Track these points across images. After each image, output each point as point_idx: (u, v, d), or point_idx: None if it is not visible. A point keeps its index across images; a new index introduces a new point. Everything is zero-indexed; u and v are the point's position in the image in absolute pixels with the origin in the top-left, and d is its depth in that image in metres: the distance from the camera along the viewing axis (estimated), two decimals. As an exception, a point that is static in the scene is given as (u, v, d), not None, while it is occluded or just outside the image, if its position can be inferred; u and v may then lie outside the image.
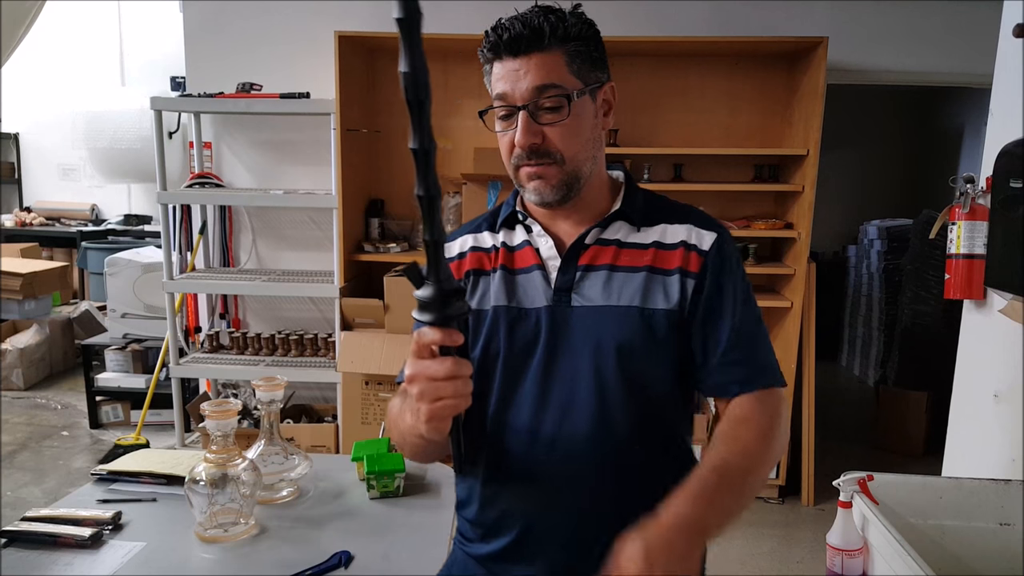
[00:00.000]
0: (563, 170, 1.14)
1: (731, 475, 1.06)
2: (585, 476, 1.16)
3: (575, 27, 1.12)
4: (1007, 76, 2.13)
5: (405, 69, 0.84)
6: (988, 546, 1.64)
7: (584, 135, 1.15)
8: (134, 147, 5.79)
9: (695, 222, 1.20)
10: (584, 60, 1.14)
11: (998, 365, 2.09)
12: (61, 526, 1.50)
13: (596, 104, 1.17)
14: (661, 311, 1.14)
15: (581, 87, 1.13)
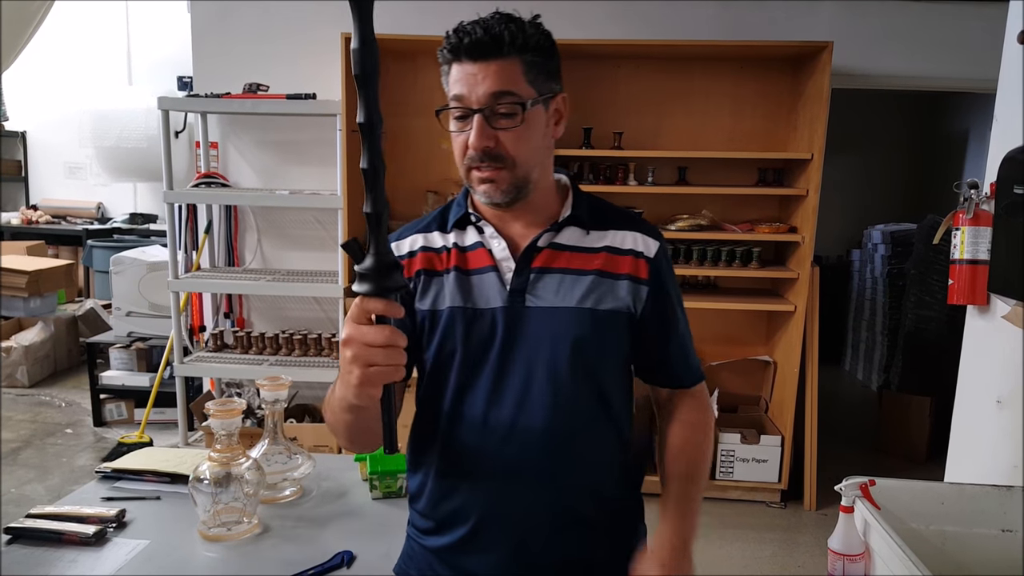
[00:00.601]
0: (513, 174, 1.18)
1: (699, 480, 1.28)
2: (538, 468, 1.20)
3: (533, 38, 1.16)
4: (1011, 82, 2.12)
5: (356, 46, 0.91)
6: (990, 552, 1.63)
7: (535, 142, 1.19)
8: (140, 146, 5.81)
9: (641, 230, 1.27)
10: (540, 70, 1.18)
11: (1001, 371, 2.08)
12: (65, 523, 1.50)
13: (548, 113, 1.22)
14: (611, 311, 1.21)
15: (535, 96, 1.17)
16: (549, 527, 1.22)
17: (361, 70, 0.90)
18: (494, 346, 1.21)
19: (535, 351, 1.20)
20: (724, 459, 3.70)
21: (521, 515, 1.22)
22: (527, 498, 1.21)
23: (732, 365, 4.04)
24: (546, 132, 1.22)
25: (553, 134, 1.24)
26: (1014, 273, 1.92)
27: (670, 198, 3.88)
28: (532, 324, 1.20)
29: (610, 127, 3.82)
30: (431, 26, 3.86)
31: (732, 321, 4.07)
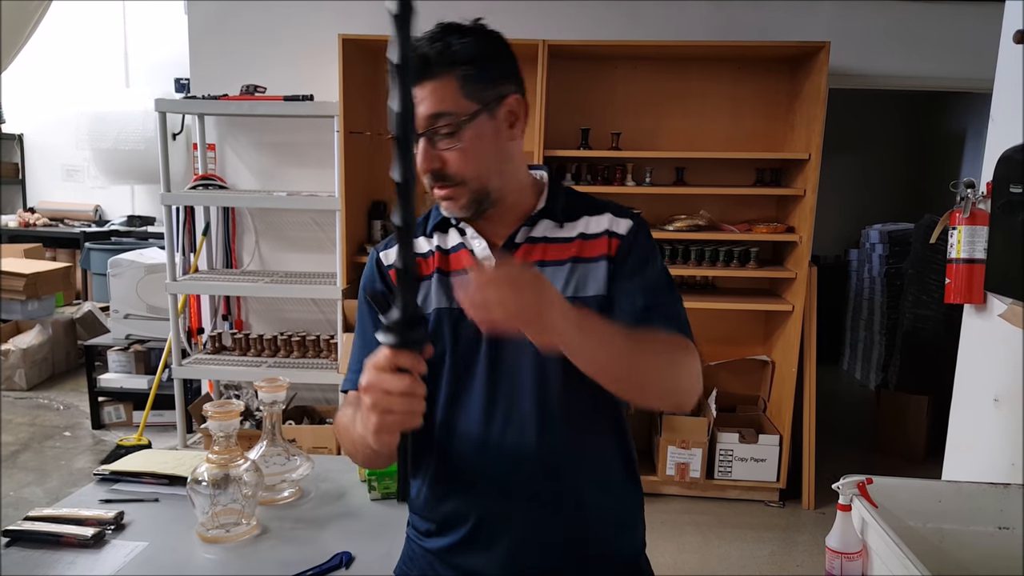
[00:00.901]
0: (468, 189, 1.17)
1: (637, 341, 1.09)
2: (533, 471, 1.20)
3: (464, 49, 1.13)
4: (1007, 81, 2.13)
5: (399, 110, 0.88)
6: (987, 550, 1.64)
7: (484, 155, 1.16)
8: (138, 148, 5.81)
9: (613, 211, 1.24)
10: (478, 80, 1.14)
11: (998, 369, 2.09)
12: (64, 526, 1.50)
13: (498, 120, 1.17)
14: (590, 298, 1.19)
15: (476, 108, 1.14)
16: (547, 530, 1.22)
17: (403, 133, 0.89)
18: (482, 346, 1.20)
19: (523, 348, 1.15)
20: (723, 459, 3.71)
21: (519, 518, 1.22)
22: (524, 500, 1.22)
23: (730, 365, 4.04)
24: (497, 139, 1.17)
25: (509, 138, 1.19)
26: (1011, 272, 1.93)
27: (668, 198, 3.88)
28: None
29: (608, 128, 3.83)
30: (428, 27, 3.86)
31: (730, 321, 4.07)
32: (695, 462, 3.67)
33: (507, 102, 1.17)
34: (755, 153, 3.85)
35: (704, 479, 3.70)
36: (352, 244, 3.78)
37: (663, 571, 3.13)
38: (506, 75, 1.18)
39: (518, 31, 3.85)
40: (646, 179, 3.80)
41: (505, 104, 1.17)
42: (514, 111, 1.18)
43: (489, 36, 1.18)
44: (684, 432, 3.65)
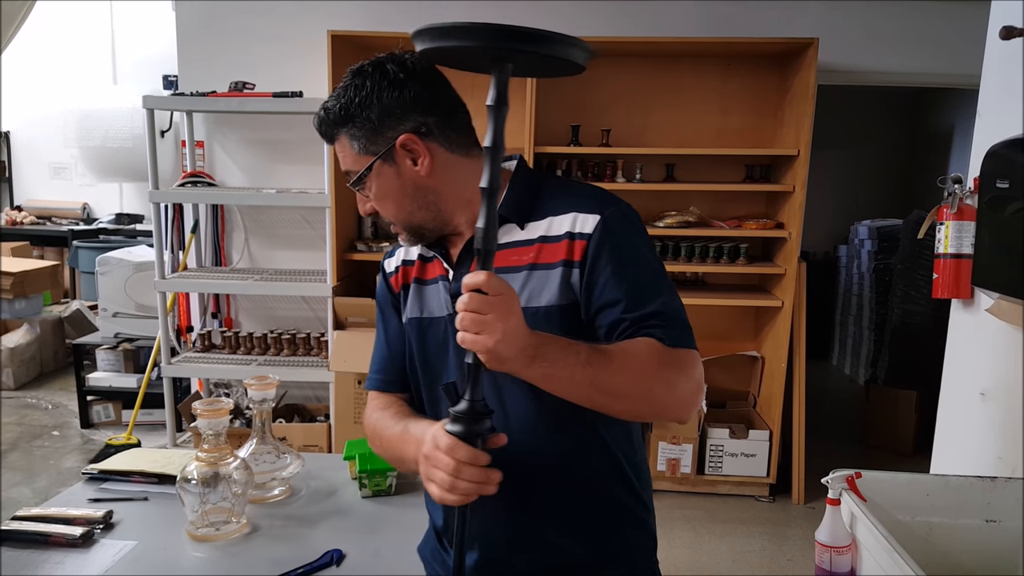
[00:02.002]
0: (402, 226, 1.22)
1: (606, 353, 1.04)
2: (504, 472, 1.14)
3: (342, 110, 1.16)
4: (994, 78, 2.14)
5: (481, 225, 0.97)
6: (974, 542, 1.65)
7: (394, 199, 1.19)
8: (126, 146, 5.77)
9: (580, 207, 1.15)
10: (363, 134, 1.16)
11: (985, 364, 2.10)
12: (52, 525, 1.50)
13: (396, 163, 1.17)
14: (542, 308, 1.13)
15: (370, 161, 1.17)
16: (524, 529, 1.22)
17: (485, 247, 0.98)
18: (448, 355, 1.22)
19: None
20: (713, 454, 3.72)
21: (494, 518, 1.19)
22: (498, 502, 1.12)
23: (720, 361, 4.06)
24: (403, 181, 1.17)
25: (420, 173, 1.17)
26: (997, 267, 1.94)
27: (658, 195, 3.89)
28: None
29: (598, 124, 3.83)
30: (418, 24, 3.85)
31: (720, 317, 4.08)
32: (686, 458, 3.68)
33: (399, 144, 1.15)
34: (745, 149, 3.86)
35: (695, 474, 3.71)
36: (342, 241, 3.77)
37: (654, 566, 3.14)
38: (395, 114, 1.15)
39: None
40: (636, 175, 3.81)
41: (397, 147, 1.15)
42: (410, 148, 1.16)
43: (369, 81, 1.15)
44: (674, 428, 3.66)
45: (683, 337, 1.09)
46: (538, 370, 1.00)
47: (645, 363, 1.05)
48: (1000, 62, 2.10)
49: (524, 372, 1.01)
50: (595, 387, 1.03)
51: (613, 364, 1.03)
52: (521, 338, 0.97)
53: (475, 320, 0.95)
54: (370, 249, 3.83)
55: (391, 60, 1.16)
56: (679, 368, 1.07)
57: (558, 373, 1.02)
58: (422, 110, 1.16)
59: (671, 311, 1.11)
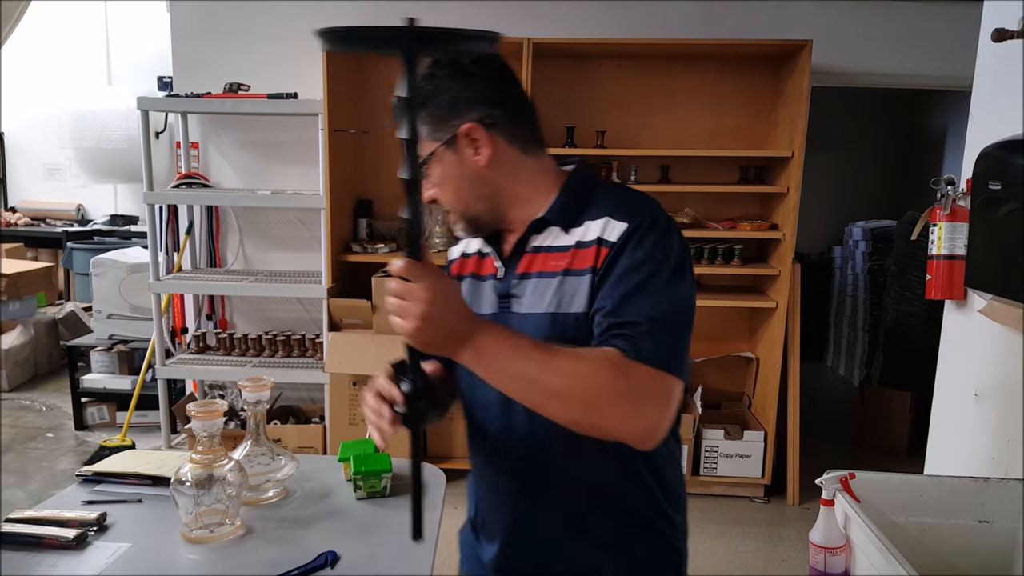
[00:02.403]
0: (457, 215, 1.24)
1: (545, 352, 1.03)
2: (520, 467, 1.25)
3: (419, 95, 1.14)
4: (987, 80, 2.15)
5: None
6: (968, 543, 1.66)
7: (453, 186, 1.21)
8: (120, 147, 5.76)
9: (615, 213, 1.15)
10: (432, 121, 1.18)
11: (978, 365, 2.11)
12: (45, 527, 1.49)
13: (459, 151, 1.18)
14: (572, 315, 1.14)
15: (434, 147, 1.18)
16: (535, 520, 1.26)
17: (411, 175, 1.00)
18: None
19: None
20: (708, 455, 3.72)
21: (508, 509, 1.28)
22: (512, 494, 1.27)
23: (715, 362, 4.06)
24: (463, 170, 1.19)
25: (480, 163, 1.18)
26: (990, 268, 1.95)
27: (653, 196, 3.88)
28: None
29: (593, 126, 3.83)
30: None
31: (715, 318, 4.09)
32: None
33: (462, 133, 1.17)
34: (739, 151, 3.87)
35: (690, 475, 3.71)
36: (337, 242, 3.77)
37: (649, 567, 3.14)
38: (458, 106, 1.17)
39: (502, 29, 3.82)
40: (631, 177, 3.81)
41: (461, 134, 1.17)
42: (473, 137, 1.17)
43: (441, 71, 1.18)
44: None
45: (653, 353, 1.04)
46: (469, 357, 1.02)
47: (595, 371, 1.02)
48: (992, 64, 2.11)
49: (457, 358, 1.03)
50: (532, 384, 1.03)
51: (555, 365, 1.02)
52: (446, 324, 1.00)
53: (397, 305, 0.99)
54: (365, 251, 3.83)
55: (465, 55, 1.19)
56: (634, 383, 1.02)
57: (492, 364, 1.03)
58: (489, 103, 1.18)
59: (652, 324, 1.06)
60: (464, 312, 1.02)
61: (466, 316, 1.02)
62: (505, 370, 1.03)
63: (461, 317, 1.01)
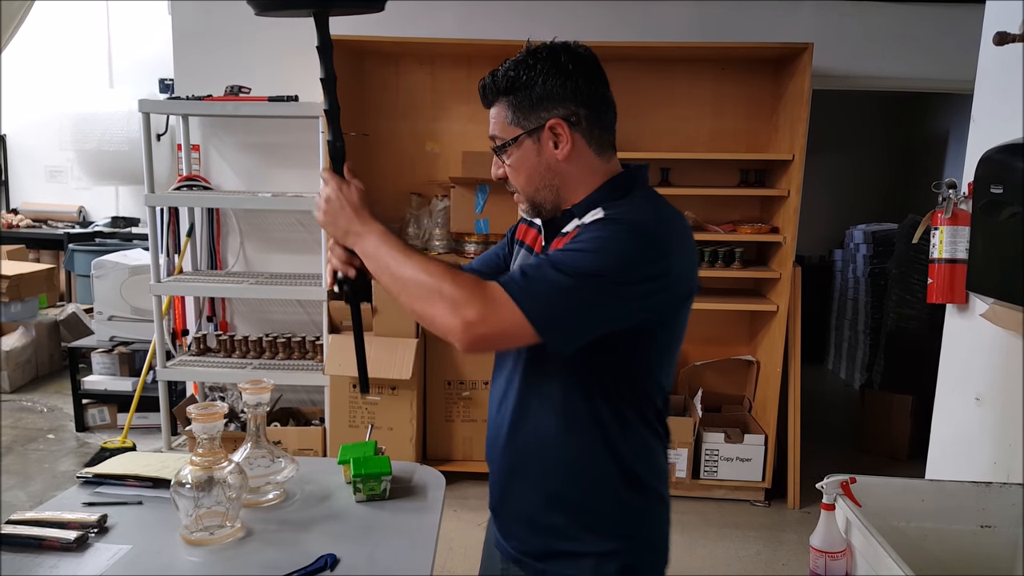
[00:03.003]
0: (524, 197, 1.34)
1: (400, 247, 1.24)
2: (509, 432, 1.38)
3: (508, 81, 1.28)
4: (988, 83, 2.16)
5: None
6: (969, 548, 1.65)
7: (527, 172, 1.31)
8: (122, 149, 5.77)
9: (605, 203, 1.26)
10: (522, 108, 1.28)
11: (980, 369, 2.11)
12: (46, 529, 1.49)
13: (541, 142, 1.28)
14: None
15: (518, 133, 1.28)
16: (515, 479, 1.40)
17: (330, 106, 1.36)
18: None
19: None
20: (708, 458, 3.72)
21: (499, 468, 1.43)
22: (503, 456, 1.41)
23: (715, 365, 4.06)
24: (540, 161, 1.29)
25: (557, 156, 1.28)
26: (992, 272, 1.95)
27: (653, 199, 3.89)
28: None
29: (593, 129, 3.83)
30: (414, 28, 3.86)
31: (715, 321, 4.09)
32: (681, 462, 3.68)
33: (548, 126, 1.26)
34: (739, 154, 3.87)
35: (690, 479, 3.71)
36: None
37: (649, 571, 3.14)
38: (554, 98, 1.26)
39: (503, 32, 3.85)
40: (632, 180, 3.81)
41: (546, 128, 1.27)
42: (558, 131, 1.26)
43: (540, 63, 1.26)
44: (671, 433, 3.66)
45: (511, 283, 1.15)
46: (359, 249, 1.29)
47: (436, 271, 1.18)
48: (994, 67, 2.11)
49: (354, 248, 1.30)
50: (392, 276, 1.23)
51: (410, 261, 1.21)
52: (338, 221, 1.31)
53: (317, 203, 1.35)
54: (366, 253, 3.83)
55: (565, 50, 1.28)
56: (461, 286, 1.15)
57: (371, 256, 1.27)
58: (577, 101, 1.27)
59: (534, 275, 1.16)
60: (358, 214, 1.29)
61: (359, 218, 1.29)
62: (378, 261, 1.25)
63: (352, 218, 1.29)
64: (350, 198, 1.31)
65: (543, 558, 1.37)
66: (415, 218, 3.95)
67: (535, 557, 1.38)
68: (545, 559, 1.37)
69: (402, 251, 1.23)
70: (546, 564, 1.37)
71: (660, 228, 1.24)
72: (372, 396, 3.63)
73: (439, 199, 3.94)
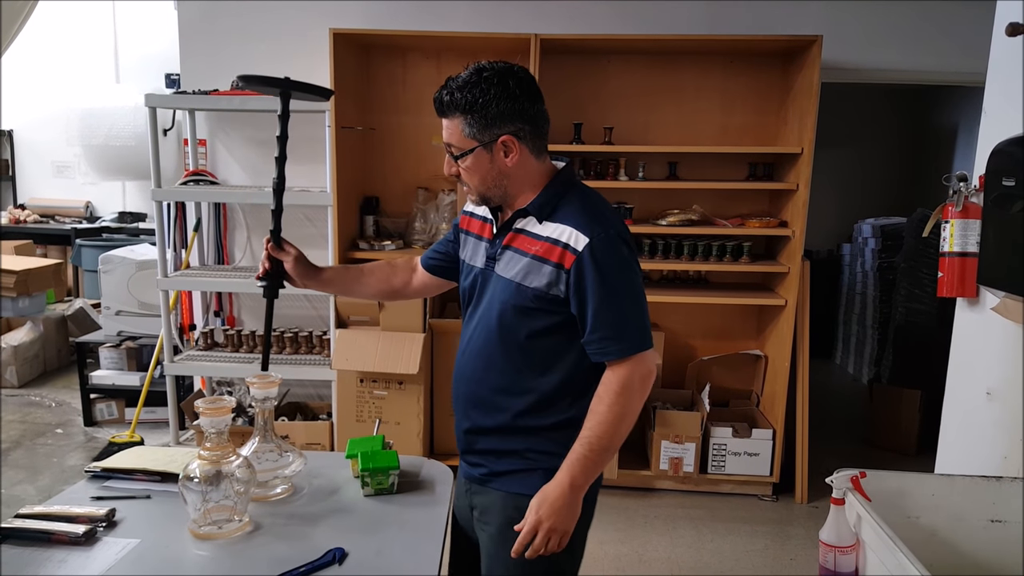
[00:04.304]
0: (474, 192, 1.61)
1: (593, 443, 1.50)
2: (475, 372, 1.67)
3: (466, 101, 1.49)
4: (1000, 75, 2.13)
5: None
6: (979, 543, 1.64)
7: (480, 175, 1.56)
8: (129, 144, 5.77)
9: (578, 226, 1.52)
10: (477, 124, 1.51)
11: (991, 363, 2.10)
12: (55, 523, 1.50)
13: (493, 153, 1.54)
14: (531, 288, 1.55)
15: (474, 145, 1.53)
16: (475, 408, 1.68)
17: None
18: (475, 293, 1.69)
19: (487, 304, 1.64)
20: (716, 453, 3.71)
21: (465, 399, 1.70)
22: (467, 390, 1.69)
23: (723, 359, 4.05)
24: (492, 167, 1.55)
25: (507, 163, 1.54)
26: (1003, 265, 1.93)
27: (661, 193, 3.88)
28: (490, 285, 1.64)
29: (600, 122, 3.82)
30: (421, 22, 3.85)
31: (723, 315, 4.08)
32: (688, 456, 3.67)
33: (500, 141, 1.52)
34: (748, 148, 3.85)
35: (697, 473, 3.70)
36: (344, 239, 3.77)
37: (657, 565, 3.14)
38: (505, 118, 1.51)
39: (510, 25, 3.85)
40: (639, 174, 3.80)
41: (499, 142, 1.52)
42: (508, 145, 1.53)
43: (493, 88, 1.48)
44: (677, 427, 3.65)
45: (631, 344, 1.51)
46: (581, 490, 1.53)
47: (613, 409, 1.50)
48: (1006, 59, 2.09)
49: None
50: (609, 452, 1.53)
51: (606, 437, 1.51)
52: (572, 511, 1.51)
53: (543, 544, 1.50)
54: (372, 247, 3.83)
55: (512, 75, 1.51)
56: (630, 381, 1.51)
57: (592, 478, 1.54)
58: (523, 120, 1.53)
59: (622, 326, 1.52)
60: (569, 503, 1.50)
61: (575, 498, 1.51)
62: (603, 462, 1.53)
63: (574, 504, 1.51)
64: (562, 513, 1.51)
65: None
66: (421, 213, 3.94)
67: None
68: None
69: (587, 445, 1.50)
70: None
71: (623, 226, 1.59)
72: (379, 391, 3.63)
73: (445, 194, 3.94)
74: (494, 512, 1.65)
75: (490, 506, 1.66)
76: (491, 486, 1.66)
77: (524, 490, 1.58)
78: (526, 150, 1.55)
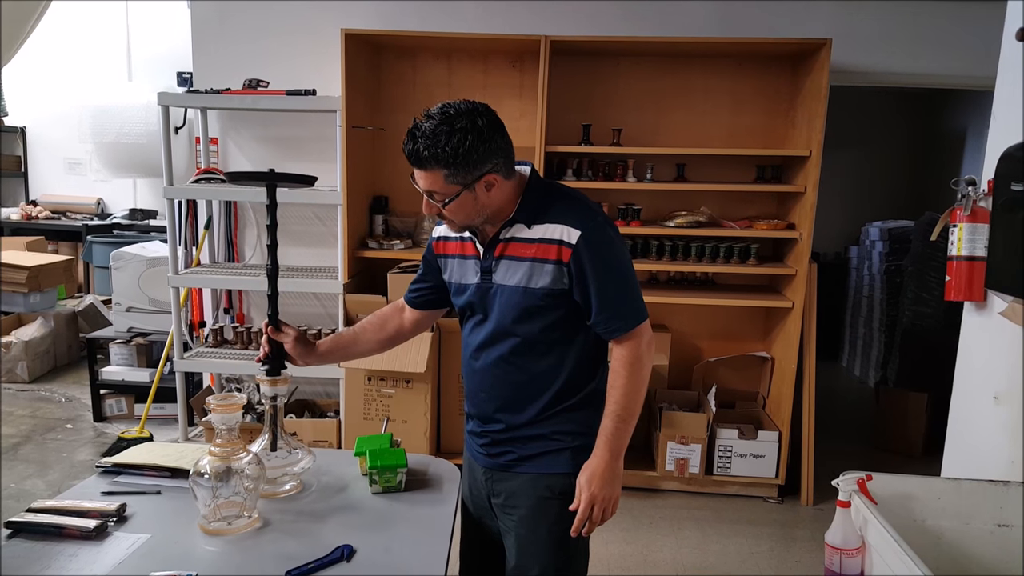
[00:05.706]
0: (457, 226, 1.67)
1: (620, 414, 1.65)
2: (497, 379, 1.74)
3: (446, 154, 1.51)
4: (1009, 79, 2.13)
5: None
6: (986, 547, 1.64)
7: (466, 212, 1.61)
8: (140, 142, 5.81)
9: (568, 222, 1.62)
10: (458, 172, 1.54)
11: (998, 367, 2.09)
12: (66, 517, 1.51)
13: (477, 191, 1.58)
14: (538, 289, 1.64)
15: (458, 190, 1.57)
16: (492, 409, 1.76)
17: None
18: (475, 307, 1.75)
19: (492, 314, 1.71)
20: (722, 454, 3.71)
21: (482, 400, 1.78)
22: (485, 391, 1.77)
23: (730, 361, 4.05)
24: (476, 203, 1.60)
25: (489, 195, 1.60)
26: (1011, 269, 1.93)
27: (669, 195, 3.88)
28: (496, 294, 1.69)
29: (609, 124, 3.83)
30: (432, 23, 3.86)
31: (730, 317, 4.08)
32: (694, 458, 3.68)
33: (483, 179, 1.57)
34: (756, 150, 3.85)
35: (703, 475, 3.70)
36: (353, 238, 3.79)
37: (662, 566, 3.14)
38: (484, 159, 1.55)
39: (521, 26, 3.86)
40: (647, 175, 3.80)
41: (482, 180, 1.57)
42: (491, 182, 1.58)
43: (468, 134, 1.51)
44: (683, 428, 3.66)
45: (634, 318, 1.66)
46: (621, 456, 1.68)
47: (631, 376, 1.65)
48: (1015, 63, 2.09)
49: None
50: (634, 418, 1.67)
51: (629, 404, 1.65)
52: (617, 478, 1.66)
53: (599, 514, 1.66)
54: (381, 247, 3.84)
55: (478, 115, 1.54)
56: (640, 354, 1.67)
57: (625, 445, 1.68)
58: (498, 154, 1.58)
59: (623, 303, 1.65)
60: (613, 472, 1.65)
61: (617, 466, 1.66)
62: (632, 422, 1.67)
63: (617, 474, 1.66)
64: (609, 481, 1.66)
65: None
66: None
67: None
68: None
69: (617, 415, 1.65)
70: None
71: (603, 212, 1.71)
72: (387, 389, 3.64)
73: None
74: (523, 494, 1.73)
75: (517, 490, 1.74)
76: (517, 471, 1.74)
77: (553, 469, 1.71)
78: (502, 179, 1.61)
